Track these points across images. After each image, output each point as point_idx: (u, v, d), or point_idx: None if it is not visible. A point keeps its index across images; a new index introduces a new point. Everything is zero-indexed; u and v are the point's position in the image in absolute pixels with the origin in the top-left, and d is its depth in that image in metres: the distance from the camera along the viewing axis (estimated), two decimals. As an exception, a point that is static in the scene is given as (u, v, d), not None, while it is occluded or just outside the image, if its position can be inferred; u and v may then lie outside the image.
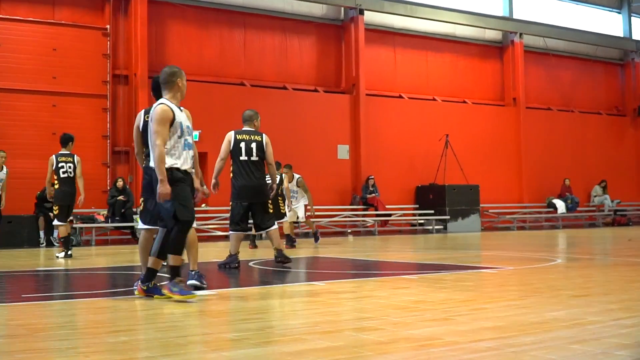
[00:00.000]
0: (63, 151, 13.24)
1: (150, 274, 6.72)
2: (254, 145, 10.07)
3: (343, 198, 23.73)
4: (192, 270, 7.37)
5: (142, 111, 7.66)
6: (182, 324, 5.51)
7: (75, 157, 13.21)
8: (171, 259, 6.70)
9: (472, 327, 4.92)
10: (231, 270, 9.86)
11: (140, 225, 7.54)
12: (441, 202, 24.16)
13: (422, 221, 24.47)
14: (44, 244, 17.59)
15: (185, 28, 21.70)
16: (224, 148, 10.08)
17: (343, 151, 23.82)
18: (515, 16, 27.77)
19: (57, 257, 12.95)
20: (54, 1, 19.56)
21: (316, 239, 17.04)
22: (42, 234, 17.79)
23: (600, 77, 30.99)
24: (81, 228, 18.44)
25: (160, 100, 6.85)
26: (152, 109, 6.83)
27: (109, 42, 20.32)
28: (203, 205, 21.15)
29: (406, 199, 24.92)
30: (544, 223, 27.57)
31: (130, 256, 13.28)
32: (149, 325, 5.43)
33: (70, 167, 13.10)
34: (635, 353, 4.04)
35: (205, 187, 7.57)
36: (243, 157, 10.03)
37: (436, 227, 23.92)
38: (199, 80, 21.38)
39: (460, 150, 25.02)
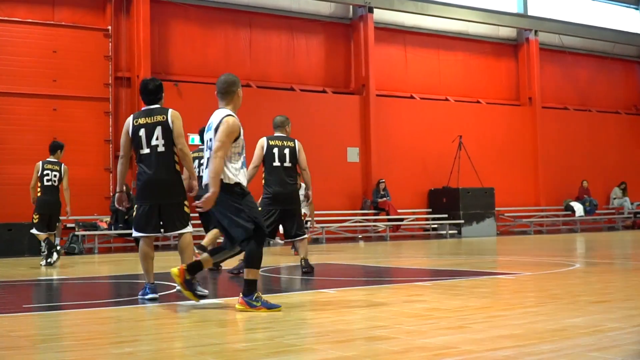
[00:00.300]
0: (51, 158, 13.27)
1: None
2: (287, 151, 10.16)
3: (353, 202, 23.72)
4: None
5: (131, 116, 7.64)
6: (188, 334, 5.52)
7: (63, 166, 13.21)
8: (250, 273, 6.57)
9: (488, 336, 4.91)
10: (240, 278, 9.87)
11: (136, 233, 7.57)
12: (455, 205, 24.11)
13: (435, 226, 24.45)
14: (45, 252, 17.55)
15: (188, 28, 21.75)
16: (257, 154, 10.13)
17: (353, 154, 23.82)
18: (529, 13, 27.73)
19: (41, 265, 13.18)
20: (53, 2, 19.59)
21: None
22: (42, 243, 17.71)
23: (617, 75, 30.90)
24: (83, 235, 18.45)
25: (227, 112, 6.67)
26: (217, 118, 6.67)
27: (110, 44, 20.37)
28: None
29: (419, 203, 24.89)
30: (562, 227, 27.49)
31: (134, 264, 13.29)
32: (154, 336, 5.44)
33: (55, 176, 13.09)
34: (658, 361, 4.03)
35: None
36: (276, 163, 10.10)
37: (450, 231, 23.89)
38: (203, 82, 21.38)
39: (474, 152, 24.98)
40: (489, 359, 4.15)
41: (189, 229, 7.59)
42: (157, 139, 7.36)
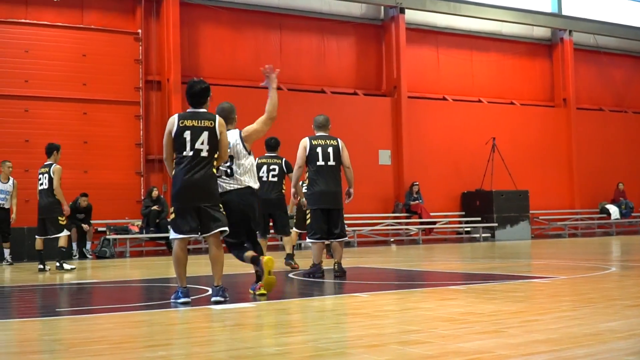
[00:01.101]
0: (46, 162, 13.35)
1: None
2: (330, 150, 10.26)
3: (385, 206, 23.71)
4: (216, 286, 7.46)
5: (176, 115, 7.66)
6: (221, 338, 5.55)
7: (52, 167, 13.13)
8: None
9: (524, 340, 4.90)
10: (279, 279, 9.92)
11: (173, 235, 7.58)
12: (488, 208, 24.01)
13: (468, 229, 24.37)
14: (77, 256, 17.76)
15: (218, 31, 21.87)
16: (300, 155, 10.24)
17: (385, 156, 23.80)
18: (564, 12, 27.56)
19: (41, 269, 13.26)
20: (82, 5, 19.78)
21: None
22: (74, 245, 17.92)
23: (655, 75, 30.60)
24: (115, 239, 18.62)
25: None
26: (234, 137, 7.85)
27: (140, 47, 20.54)
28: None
29: (451, 206, 24.82)
30: (597, 230, 27.28)
31: (165, 268, 13.40)
32: (187, 340, 5.48)
33: (45, 178, 13.14)
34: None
35: None
36: (320, 163, 10.19)
37: (483, 235, 23.80)
38: (233, 84, 21.50)
39: (508, 154, 24.85)
40: (524, 364, 4.15)
41: (223, 227, 7.56)
42: (202, 143, 7.43)
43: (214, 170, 7.60)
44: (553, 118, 27.32)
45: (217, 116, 7.71)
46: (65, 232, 13.37)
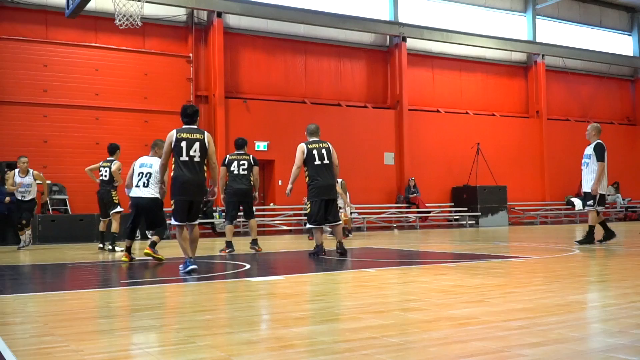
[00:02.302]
0: (108, 158, 13.21)
1: None
2: (324, 151, 10.28)
3: (389, 197, 23.66)
4: (190, 258, 7.90)
5: (174, 130, 8.18)
6: (256, 305, 5.55)
7: (112, 164, 13.03)
8: None
9: (504, 309, 4.86)
10: (302, 258, 9.92)
11: (174, 222, 8.02)
12: (474, 200, 23.93)
13: (457, 217, 24.27)
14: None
15: (255, 55, 21.87)
16: (299, 157, 10.24)
17: (389, 158, 23.75)
18: (538, 40, 27.35)
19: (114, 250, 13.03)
20: (144, 32, 19.80)
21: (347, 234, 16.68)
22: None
23: (613, 91, 30.33)
24: (169, 224, 18.59)
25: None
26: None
27: (191, 68, 20.58)
28: (271, 204, 21.29)
29: (443, 198, 24.74)
30: (564, 218, 27.07)
31: (210, 248, 13.41)
32: (229, 306, 5.48)
33: (106, 171, 13.03)
34: (649, 332, 3.94)
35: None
36: (317, 162, 10.20)
37: (469, 222, 23.71)
38: (267, 99, 21.57)
39: (490, 156, 24.78)
40: (505, 328, 4.11)
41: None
42: (195, 151, 7.94)
43: (205, 173, 8.09)
44: (528, 127, 27.14)
45: (205, 131, 8.22)
46: (119, 208, 13.10)
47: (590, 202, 11.95)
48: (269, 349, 3.69)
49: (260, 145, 21.06)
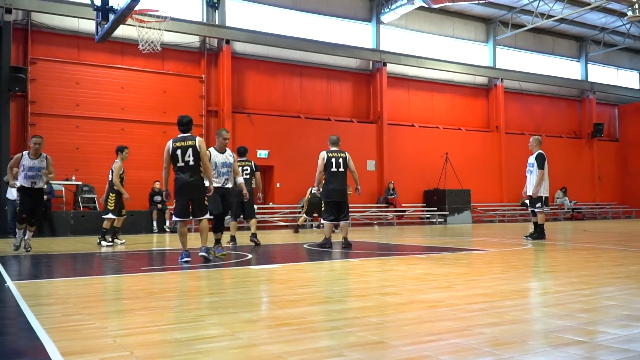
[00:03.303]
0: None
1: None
2: (341, 160, 10.41)
3: (371, 199, 23.65)
4: (203, 246, 8.06)
5: (171, 140, 8.08)
6: (257, 289, 5.54)
7: (114, 163, 12.43)
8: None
9: (467, 294, 4.86)
10: (297, 250, 9.89)
11: (175, 218, 8.08)
12: (442, 201, 23.95)
13: (428, 216, 24.27)
14: (157, 230, 17.80)
15: (258, 76, 21.84)
16: (320, 163, 10.38)
17: (371, 165, 23.75)
18: (498, 66, 27.44)
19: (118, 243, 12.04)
20: (163, 56, 19.76)
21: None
22: (154, 223, 17.99)
23: (563, 110, 30.43)
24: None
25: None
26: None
27: (204, 87, 20.54)
28: (270, 203, 21.25)
29: (417, 199, 24.75)
30: (519, 218, 27.12)
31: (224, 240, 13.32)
32: (234, 290, 5.47)
33: (110, 173, 12.37)
34: (592, 316, 3.96)
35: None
36: (334, 169, 10.34)
37: (439, 220, 23.72)
38: (268, 114, 21.54)
39: (457, 164, 24.84)
40: (468, 310, 4.11)
41: (207, 216, 8.16)
42: (189, 156, 7.91)
43: (201, 175, 7.99)
44: (489, 139, 27.19)
45: (197, 137, 8.10)
46: (110, 215, 11.91)
47: (538, 205, 11.99)
48: (267, 326, 3.68)
49: (262, 153, 21.03)
